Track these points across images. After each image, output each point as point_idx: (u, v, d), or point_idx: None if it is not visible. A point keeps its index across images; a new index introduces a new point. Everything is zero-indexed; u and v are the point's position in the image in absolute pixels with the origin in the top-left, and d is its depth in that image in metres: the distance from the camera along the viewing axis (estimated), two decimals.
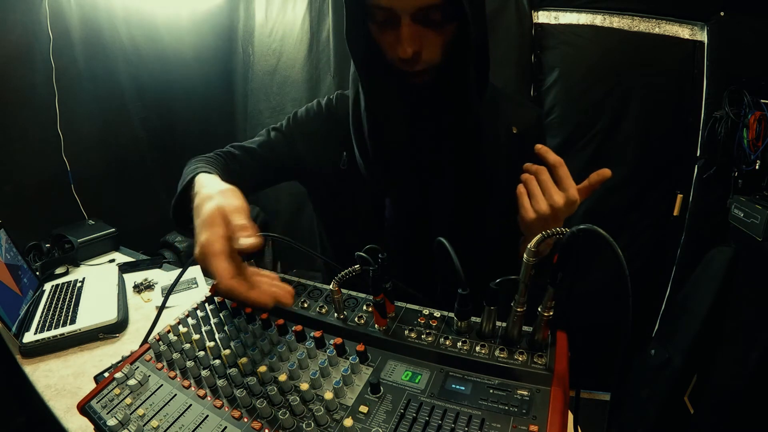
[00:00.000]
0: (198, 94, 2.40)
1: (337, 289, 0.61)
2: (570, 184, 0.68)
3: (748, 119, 1.58)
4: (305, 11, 2.24)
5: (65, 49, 1.80)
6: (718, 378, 1.56)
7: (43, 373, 1.01)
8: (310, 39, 2.26)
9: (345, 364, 0.54)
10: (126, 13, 2.01)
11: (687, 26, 1.75)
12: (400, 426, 0.46)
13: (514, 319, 0.53)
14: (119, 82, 2.04)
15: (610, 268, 1.88)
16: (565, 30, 1.85)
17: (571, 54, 1.86)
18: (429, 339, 0.56)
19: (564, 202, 0.67)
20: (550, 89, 1.92)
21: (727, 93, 1.66)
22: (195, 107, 2.40)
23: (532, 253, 0.49)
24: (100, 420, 0.55)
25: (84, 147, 1.92)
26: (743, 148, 1.60)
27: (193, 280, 1.44)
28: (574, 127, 1.90)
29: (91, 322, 1.14)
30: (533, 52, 1.91)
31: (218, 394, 0.55)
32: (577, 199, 0.68)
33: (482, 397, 0.48)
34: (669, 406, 1.66)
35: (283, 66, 2.38)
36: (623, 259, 0.43)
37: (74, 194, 1.90)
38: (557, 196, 0.67)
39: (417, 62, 0.70)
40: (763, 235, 1.43)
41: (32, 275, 1.38)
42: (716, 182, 1.73)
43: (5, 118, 1.67)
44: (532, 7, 1.86)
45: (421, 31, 0.68)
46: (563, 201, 0.67)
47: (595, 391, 2.10)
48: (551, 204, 0.67)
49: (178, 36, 2.26)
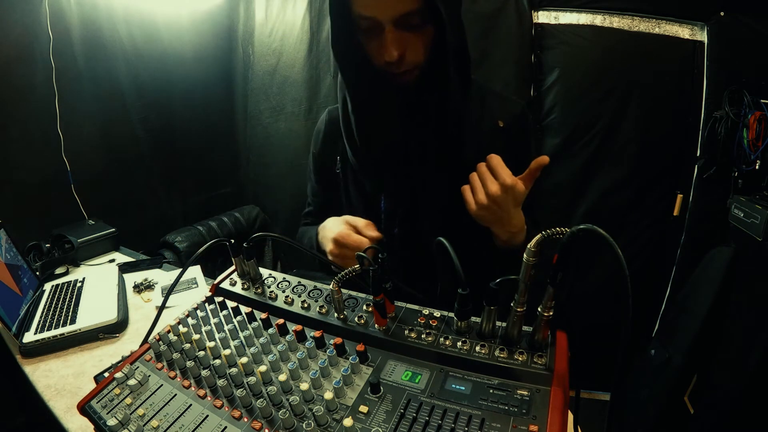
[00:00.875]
0: (198, 94, 2.39)
1: (337, 289, 0.61)
2: (503, 172, 0.71)
3: (748, 119, 1.58)
4: (305, 11, 2.24)
5: (65, 49, 1.80)
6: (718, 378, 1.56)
7: (43, 373, 1.01)
8: (310, 39, 2.26)
9: (345, 364, 0.54)
10: (126, 12, 2.01)
11: (687, 26, 1.75)
12: (400, 426, 0.46)
13: (514, 319, 0.53)
14: (119, 82, 2.04)
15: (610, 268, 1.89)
16: (565, 30, 1.85)
17: (571, 54, 1.86)
18: (429, 339, 0.56)
19: (499, 189, 0.71)
20: (550, 89, 1.91)
21: (727, 93, 1.66)
22: (195, 107, 2.39)
23: (532, 253, 0.49)
24: (100, 420, 0.55)
25: (84, 147, 1.92)
26: (743, 148, 1.60)
27: (193, 280, 1.44)
28: (574, 127, 1.91)
29: (91, 322, 1.14)
30: (533, 52, 1.90)
31: (218, 394, 0.55)
32: (512, 184, 0.71)
33: (482, 397, 0.48)
34: (669, 406, 1.65)
35: (283, 66, 2.38)
36: (623, 259, 0.43)
37: (74, 194, 1.90)
38: (492, 185, 0.71)
39: (402, 64, 0.76)
40: (763, 235, 1.43)
41: (32, 275, 1.38)
42: (716, 182, 1.73)
43: (5, 118, 1.66)
44: (532, 7, 1.86)
45: (403, 35, 0.73)
46: (498, 188, 0.71)
47: (595, 391, 2.10)
48: (488, 193, 0.72)
49: (178, 36, 2.25)
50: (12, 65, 1.66)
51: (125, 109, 2.09)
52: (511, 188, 0.71)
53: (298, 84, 2.35)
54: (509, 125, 0.89)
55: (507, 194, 0.71)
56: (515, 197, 0.72)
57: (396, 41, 0.72)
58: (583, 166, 1.92)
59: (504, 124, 0.88)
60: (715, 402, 1.55)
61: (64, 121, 1.82)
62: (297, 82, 2.35)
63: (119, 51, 2.01)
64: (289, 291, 0.70)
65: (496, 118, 0.89)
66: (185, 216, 2.39)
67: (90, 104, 1.93)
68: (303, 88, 2.34)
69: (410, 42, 0.74)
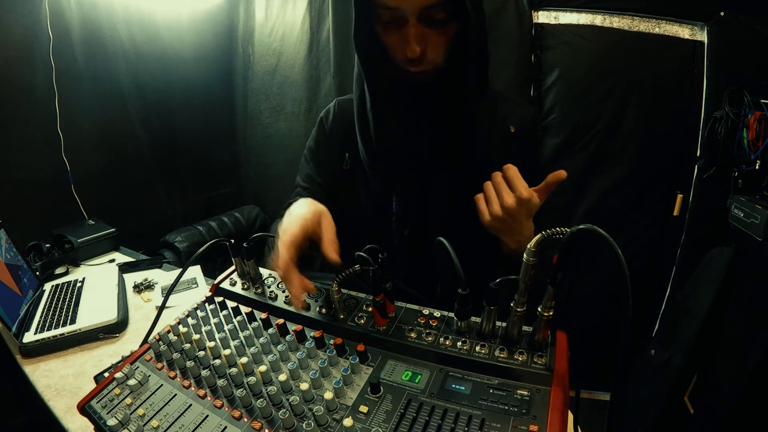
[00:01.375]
0: (198, 94, 2.39)
1: (337, 289, 0.61)
2: (520, 185, 0.70)
3: (748, 119, 1.58)
4: (305, 11, 2.24)
5: (65, 49, 1.80)
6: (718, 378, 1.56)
7: (43, 373, 1.01)
8: (310, 39, 2.26)
9: (345, 364, 0.54)
10: (126, 12, 2.01)
11: (687, 26, 1.75)
12: (400, 426, 0.46)
13: (514, 319, 0.53)
14: (119, 82, 2.04)
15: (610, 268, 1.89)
16: (565, 30, 1.85)
17: (571, 54, 1.86)
18: (429, 339, 0.56)
19: (514, 201, 0.69)
20: (550, 89, 1.91)
21: (727, 93, 1.65)
22: (195, 107, 2.39)
23: (532, 253, 0.49)
24: (100, 420, 0.55)
25: (84, 147, 1.92)
26: (743, 148, 1.60)
27: (193, 280, 1.44)
28: (574, 127, 1.90)
29: (91, 322, 1.14)
30: (533, 52, 1.90)
31: (218, 394, 0.55)
32: (528, 197, 0.69)
33: (482, 397, 0.48)
34: (669, 406, 1.66)
35: (283, 66, 2.38)
36: (623, 259, 0.43)
37: (74, 194, 1.90)
38: (508, 197, 0.69)
39: (422, 62, 0.73)
40: (763, 235, 1.43)
41: (32, 275, 1.38)
42: (716, 182, 1.73)
43: (5, 118, 1.66)
44: (532, 7, 1.86)
45: (426, 31, 0.71)
46: (513, 201, 0.69)
47: (595, 391, 2.10)
48: (503, 205, 0.70)
49: (178, 36, 2.26)
50: (12, 65, 1.66)
51: (125, 109, 2.09)
52: (526, 201, 0.69)
53: (298, 84, 2.35)
54: (520, 130, 0.88)
55: (521, 207, 0.70)
56: (529, 210, 0.71)
57: (418, 37, 0.70)
58: (583, 166, 1.91)
59: (515, 129, 0.88)
60: (715, 402, 1.55)
61: (64, 121, 1.82)
62: (297, 82, 2.35)
63: (119, 51, 2.01)
64: None
65: (508, 122, 0.88)
66: (185, 216, 2.39)
67: (90, 104, 1.93)
68: (303, 88, 2.34)
69: (432, 39, 0.72)
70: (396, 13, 0.70)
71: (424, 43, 0.71)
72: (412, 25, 0.70)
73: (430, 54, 0.73)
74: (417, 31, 0.70)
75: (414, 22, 0.70)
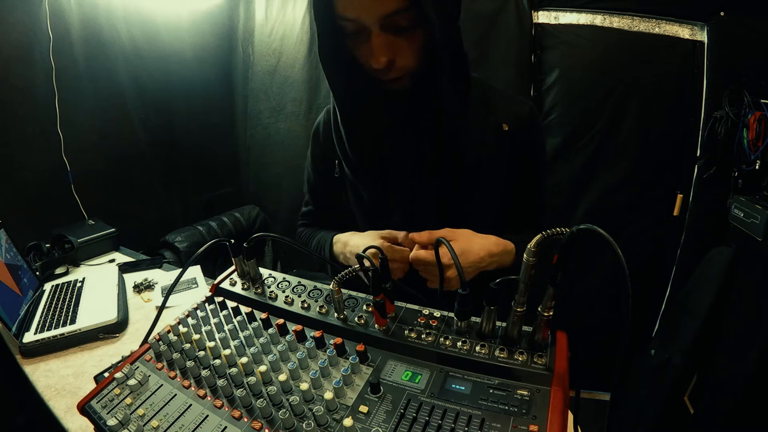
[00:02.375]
0: (198, 94, 2.39)
1: (337, 289, 0.61)
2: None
3: (748, 119, 1.57)
4: (305, 11, 2.24)
5: (65, 49, 1.80)
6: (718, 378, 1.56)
7: (43, 373, 1.01)
8: (310, 39, 2.26)
9: (345, 364, 0.54)
10: (126, 13, 2.01)
11: (687, 26, 1.75)
12: (400, 426, 0.46)
13: (514, 319, 0.53)
14: (119, 82, 2.04)
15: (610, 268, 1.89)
16: (565, 30, 1.85)
17: (571, 54, 1.86)
18: (429, 339, 0.56)
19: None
20: (550, 89, 1.91)
21: (727, 93, 1.65)
22: (195, 107, 2.39)
23: (532, 253, 0.49)
24: (100, 420, 0.55)
25: (84, 147, 1.92)
26: (743, 148, 1.60)
27: (193, 280, 1.44)
28: (574, 127, 1.90)
29: (91, 322, 1.14)
30: (533, 52, 1.90)
31: (218, 394, 0.55)
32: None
33: (482, 397, 0.48)
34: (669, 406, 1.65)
35: (283, 66, 2.38)
36: (623, 259, 0.43)
37: (74, 194, 1.90)
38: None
39: (392, 70, 0.72)
40: (763, 235, 1.43)
41: (32, 275, 1.38)
42: (716, 182, 1.73)
43: (5, 117, 1.66)
44: (532, 7, 1.86)
45: (392, 39, 0.69)
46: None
47: (595, 391, 2.10)
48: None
49: (178, 36, 2.25)
50: (12, 65, 1.66)
51: (125, 109, 2.09)
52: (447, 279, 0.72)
53: (298, 84, 2.35)
54: (514, 128, 0.83)
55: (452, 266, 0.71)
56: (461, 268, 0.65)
57: (383, 46, 0.68)
58: (583, 166, 1.91)
59: (509, 127, 0.83)
60: (715, 402, 1.55)
61: (64, 121, 1.82)
62: (297, 82, 2.35)
63: (119, 51, 2.01)
64: (289, 291, 0.70)
65: (501, 120, 0.83)
66: (185, 216, 2.39)
67: (90, 104, 1.92)
68: (303, 88, 2.34)
69: (399, 46, 0.70)
70: (358, 25, 0.68)
71: (392, 51, 0.70)
72: (376, 36, 0.68)
73: (400, 62, 0.72)
74: (381, 40, 0.68)
75: (378, 32, 0.68)
